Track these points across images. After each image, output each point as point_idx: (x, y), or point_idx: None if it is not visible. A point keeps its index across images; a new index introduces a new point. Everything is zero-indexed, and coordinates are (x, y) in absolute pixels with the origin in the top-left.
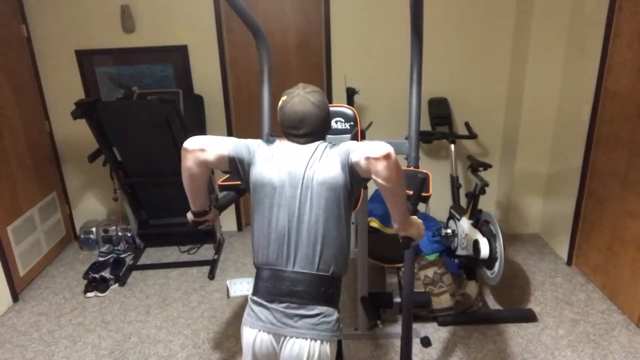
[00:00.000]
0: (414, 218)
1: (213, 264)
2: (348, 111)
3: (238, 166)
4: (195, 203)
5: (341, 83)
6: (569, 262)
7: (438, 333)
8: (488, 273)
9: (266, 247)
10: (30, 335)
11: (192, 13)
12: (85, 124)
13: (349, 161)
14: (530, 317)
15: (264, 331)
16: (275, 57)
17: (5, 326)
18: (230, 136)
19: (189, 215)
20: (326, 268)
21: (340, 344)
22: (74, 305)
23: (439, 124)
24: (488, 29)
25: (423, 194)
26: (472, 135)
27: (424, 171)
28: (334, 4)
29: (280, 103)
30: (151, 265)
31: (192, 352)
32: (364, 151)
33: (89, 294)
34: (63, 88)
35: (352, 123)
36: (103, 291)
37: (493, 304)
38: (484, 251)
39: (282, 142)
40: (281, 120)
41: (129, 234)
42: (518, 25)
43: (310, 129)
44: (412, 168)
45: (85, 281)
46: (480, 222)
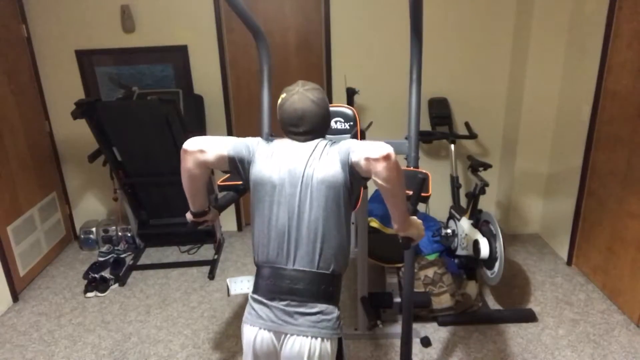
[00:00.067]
0: (414, 218)
1: (213, 264)
2: (348, 111)
3: (238, 165)
4: (194, 203)
5: (341, 83)
6: (569, 262)
7: (438, 333)
8: (488, 273)
9: (266, 245)
10: (30, 335)
11: (192, 13)
12: (85, 124)
13: (349, 161)
14: (530, 317)
15: (265, 329)
16: (275, 57)
17: (5, 326)
18: (230, 136)
19: (189, 215)
20: (326, 266)
21: (340, 342)
22: (74, 305)
23: (439, 124)
24: (488, 29)
25: (423, 194)
26: (472, 135)
27: (424, 171)
28: (334, 4)
29: (279, 101)
30: (151, 265)
31: (192, 352)
32: (364, 152)
33: (89, 294)
34: (63, 88)
35: (352, 123)
36: (103, 291)
37: (493, 304)
38: (484, 251)
39: (282, 140)
40: (281, 118)
41: (129, 234)
42: (518, 25)
43: (309, 127)
44: (412, 168)
45: (85, 281)
46: (480, 222)
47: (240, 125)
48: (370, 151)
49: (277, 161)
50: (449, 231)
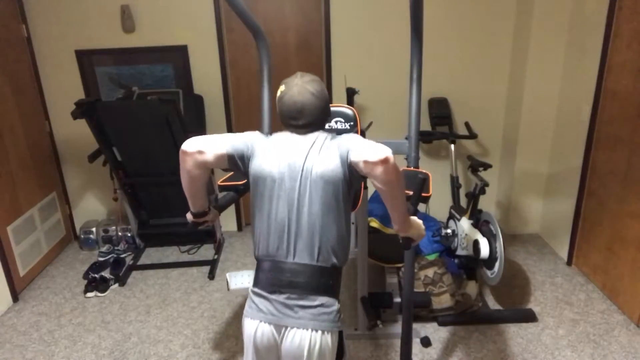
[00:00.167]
0: (414, 219)
1: (213, 264)
2: (348, 111)
3: (238, 162)
4: (194, 204)
5: (341, 83)
6: (569, 262)
7: (438, 333)
8: (488, 273)
9: (266, 239)
10: (30, 335)
11: (192, 13)
12: (85, 124)
13: (348, 159)
14: (530, 317)
15: (265, 322)
16: (275, 57)
17: (5, 326)
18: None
19: (189, 215)
20: (326, 259)
21: (341, 335)
22: (74, 305)
23: (439, 124)
24: (488, 29)
25: (423, 194)
26: (472, 135)
27: (424, 171)
28: (334, 4)
29: (278, 93)
30: (151, 265)
31: (192, 352)
32: (363, 154)
33: (89, 294)
34: (63, 88)
35: (352, 123)
36: (103, 291)
37: (493, 304)
38: (484, 251)
39: (281, 134)
40: (280, 110)
41: (129, 234)
42: (518, 25)
43: (309, 120)
44: (412, 168)
45: (85, 281)
46: (480, 222)
47: (240, 125)
48: (369, 154)
49: (277, 155)
50: (449, 231)
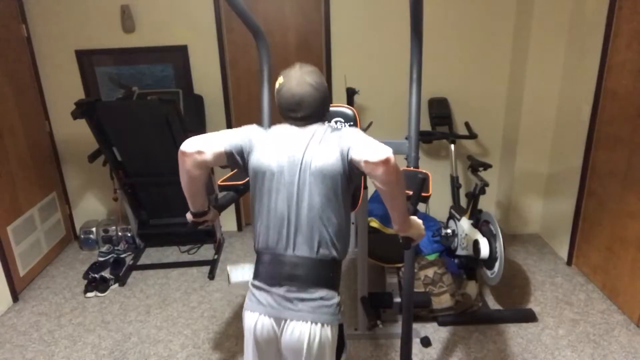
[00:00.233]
0: (414, 219)
1: (213, 264)
2: (348, 111)
3: (237, 158)
4: (194, 204)
5: (341, 83)
6: (569, 262)
7: (438, 333)
8: (488, 273)
9: (266, 232)
10: (30, 335)
11: (192, 13)
12: (85, 124)
13: (349, 156)
14: (530, 317)
15: (265, 315)
16: (275, 57)
17: (5, 326)
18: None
19: (189, 215)
20: (326, 252)
21: (341, 328)
22: (74, 305)
23: (439, 124)
24: (488, 29)
25: (423, 194)
26: (472, 135)
27: (424, 171)
28: (334, 4)
29: (277, 85)
30: (151, 265)
31: (192, 352)
32: (363, 154)
33: (89, 294)
34: (63, 88)
35: (352, 123)
36: (103, 291)
37: (493, 304)
38: (484, 251)
39: (280, 126)
40: (279, 103)
41: (129, 234)
42: (518, 25)
43: (308, 112)
44: (412, 168)
45: (85, 281)
46: (480, 222)
47: (240, 125)
48: (370, 154)
49: (276, 148)
50: (449, 231)
